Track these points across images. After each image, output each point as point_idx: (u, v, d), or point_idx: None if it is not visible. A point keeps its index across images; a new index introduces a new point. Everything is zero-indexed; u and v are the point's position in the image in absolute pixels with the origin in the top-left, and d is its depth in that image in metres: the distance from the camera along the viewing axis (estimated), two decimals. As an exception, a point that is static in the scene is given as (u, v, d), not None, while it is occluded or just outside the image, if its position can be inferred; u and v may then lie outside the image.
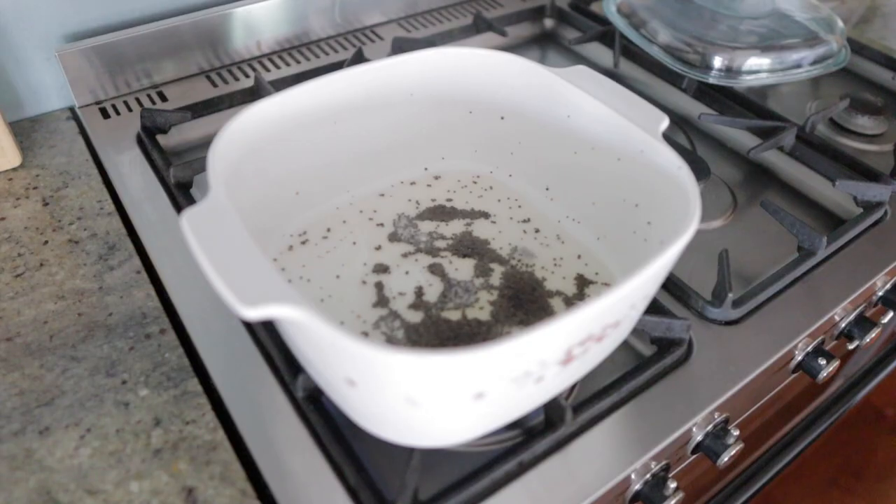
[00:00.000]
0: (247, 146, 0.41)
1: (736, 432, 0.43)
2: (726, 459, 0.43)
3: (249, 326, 0.44)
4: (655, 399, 0.41)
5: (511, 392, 0.32)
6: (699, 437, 0.43)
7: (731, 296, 0.45)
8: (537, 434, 0.38)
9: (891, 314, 0.58)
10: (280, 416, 0.39)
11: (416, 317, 0.42)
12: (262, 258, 0.30)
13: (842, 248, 0.53)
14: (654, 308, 0.44)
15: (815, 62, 0.63)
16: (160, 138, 0.58)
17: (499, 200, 0.51)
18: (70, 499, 0.35)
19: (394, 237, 0.47)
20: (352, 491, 0.36)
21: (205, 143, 0.61)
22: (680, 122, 0.67)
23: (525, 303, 0.43)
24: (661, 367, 0.42)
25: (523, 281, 0.45)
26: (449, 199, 0.51)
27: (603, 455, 0.39)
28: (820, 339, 0.49)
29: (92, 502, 0.35)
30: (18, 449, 0.37)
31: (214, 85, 0.65)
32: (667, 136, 0.42)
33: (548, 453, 0.38)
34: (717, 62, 0.62)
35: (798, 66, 0.63)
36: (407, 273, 0.45)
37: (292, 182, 0.46)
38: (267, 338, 0.42)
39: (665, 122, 0.42)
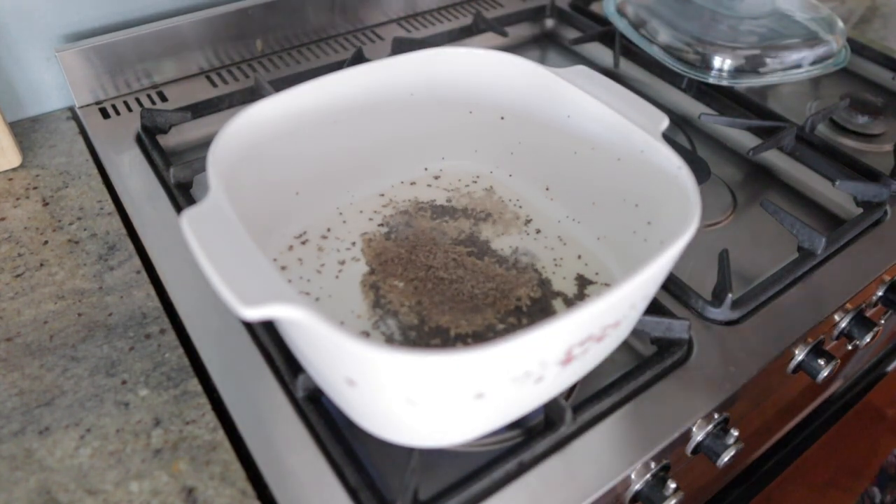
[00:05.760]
0: (246, 146, 0.41)
1: (736, 432, 0.43)
2: (726, 459, 0.43)
3: (249, 326, 0.44)
4: (655, 399, 0.41)
5: (511, 392, 0.32)
6: (699, 438, 0.43)
7: (731, 296, 0.45)
8: (537, 434, 0.38)
9: (891, 314, 0.58)
10: (280, 416, 0.39)
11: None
12: (262, 258, 0.30)
13: (842, 248, 0.53)
14: (654, 308, 0.44)
15: (815, 62, 0.63)
16: (160, 138, 0.58)
17: (499, 200, 0.51)
18: (70, 499, 0.35)
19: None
20: (352, 491, 0.36)
21: (205, 143, 0.60)
22: (680, 122, 0.67)
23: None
24: (661, 367, 0.42)
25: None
26: (449, 200, 0.50)
27: (603, 455, 0.39)
28: (820, 339, 0.49)
29: (92, 502, 0.35)
30: (18, 449, 0.37)
31: (214, 85, 0.65)
32: (667, 136, 0.42)
33: (548, 453, 0.38)
34: (717, 62, 0.62)
35: (798, 66, 0.63)
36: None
37: (292, 182, 0.46)
38: (267, 338, 0.42)
39: (665, 122, 0.42)
